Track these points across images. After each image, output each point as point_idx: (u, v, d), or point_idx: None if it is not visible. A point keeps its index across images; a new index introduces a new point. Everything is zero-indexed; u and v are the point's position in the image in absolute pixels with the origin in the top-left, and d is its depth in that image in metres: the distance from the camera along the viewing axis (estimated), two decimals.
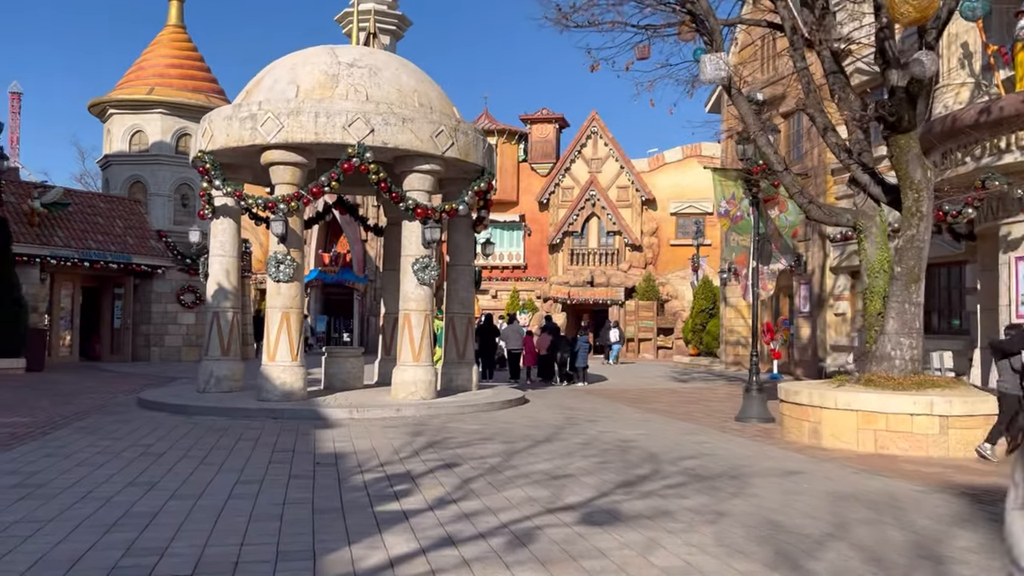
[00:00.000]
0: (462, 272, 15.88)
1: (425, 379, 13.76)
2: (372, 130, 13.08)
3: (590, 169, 40.73)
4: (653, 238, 40.45)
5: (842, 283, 22.07)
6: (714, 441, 10.79)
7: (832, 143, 11.71)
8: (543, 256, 41.31)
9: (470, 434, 11.00)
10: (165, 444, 9.72)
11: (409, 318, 13.86)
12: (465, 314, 15.84)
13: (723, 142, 27.43)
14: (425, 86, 14.52)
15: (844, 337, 21.80)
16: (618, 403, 15.85)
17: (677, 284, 39.98)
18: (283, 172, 13.40)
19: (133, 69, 29.64)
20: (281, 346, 13.29)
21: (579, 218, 40.47)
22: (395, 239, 16.88)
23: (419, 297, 13.87)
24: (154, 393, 14.62)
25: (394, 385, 13.89)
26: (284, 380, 13.24)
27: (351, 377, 15.50)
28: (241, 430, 11.09)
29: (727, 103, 27.13)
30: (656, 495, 7.26)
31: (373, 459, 8.95)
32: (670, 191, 40.39)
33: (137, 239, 27.01)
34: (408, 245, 13.97)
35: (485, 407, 13.60)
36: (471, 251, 16.04)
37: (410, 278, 13.87)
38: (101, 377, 20.38)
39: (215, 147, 13.68)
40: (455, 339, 15.69)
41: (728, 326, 27.06)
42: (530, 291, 41.03)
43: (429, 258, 13.82)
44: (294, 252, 13.43)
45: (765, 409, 12.89)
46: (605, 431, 11.53)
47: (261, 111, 13.16)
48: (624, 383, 21.23)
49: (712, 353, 29.07)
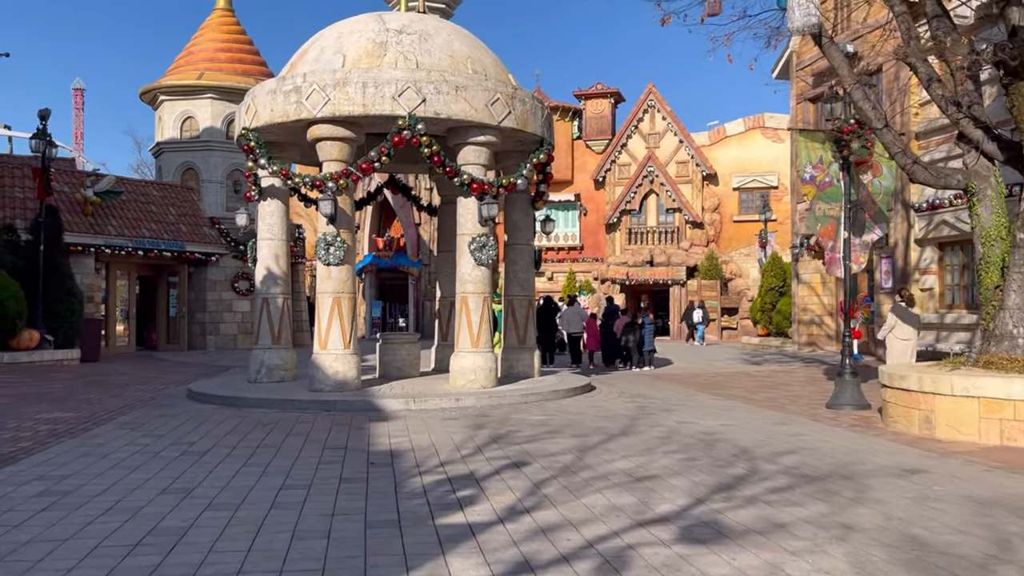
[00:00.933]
0: (521, 252, 14.91)
1: (485, 366, 12.86)
2: (423, 100, 12.15)
3: (647, 144, 39.34)
4: (715, 214, 38.95)
5: (928, 256, 20.48)
6: (809, 432, 9.66)
7: (938, 95, 10.38)
8: (600, 236, 40.14)
9: (536, 426, 10.06)
10: (209, 442, 9.00)
11: (466, 301, 12.96)
12: (525, 296, 14.88)
13: (793, 108, 25.84)
14: (479, 52, 13.54)
15: (932, 314, 20.23)
16: (691, 389, 14.75)
17: (741, 262, 38.48)
18: (330, 148, 12.58)
19: (183, 55, 29.31)
20: (333, 333, 12.53)
21: (637, 196, 39.15)
22: (449, 219, 16.00)
23: (476, 279, 12.96)
24: (204, 384, 14.03)
25: (452, 373, 13.04)
26: (337, 369, 12.48)
27: (407, 365, 14.70)
28: (291, 424, 10.35)
29: (796, 67, 25.54)
30: (761, 501, 6.22)
31: (432, 457, 8.08)
32: (732, 165, 38.79)
33: (190, 226, 26.72)
34: (464, 223, 13.05)
35: (549, 395, 12.66)
36: (530, 229, 15.05)
37: (467, 259, 12.96)
38: (155, 367, 20.03)
39: (259, 124, 12.93)
40: (515, 323, 14.76)
41: (801, 304, 25.60)
42: (587, 272, 39.93)
43: (487, 236, 12.88)
44: (344, 233, 12.63)
45: (860, 395, 11.67)
46: (684, 421, 10.48)
47: (306, 83, 12.34)
48: (693, 367, 20.08)
49: (783, 333, 27.62)
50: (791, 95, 25.94)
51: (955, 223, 19.19)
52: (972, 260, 19.87)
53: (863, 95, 10.51)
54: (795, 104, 25.69)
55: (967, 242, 19.57)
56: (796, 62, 25.55)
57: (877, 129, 10.39)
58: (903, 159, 10.35)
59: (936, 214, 19.76)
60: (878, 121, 10.40)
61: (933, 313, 20.26)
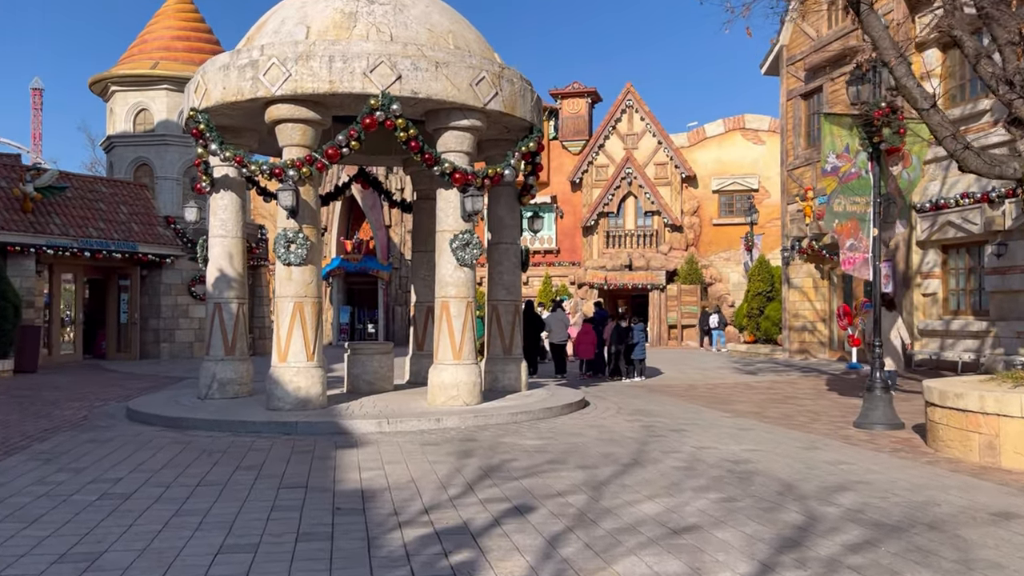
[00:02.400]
0: (506, 252, 13.42)
1: (468, 381, 11.36)
2: (399, 76, 10.64)
3: (625, 145, 38.14)
4: (694, 217, 37.83)
5: (931, 259, 19.38)
6: (851, 460, 8.29)
7: (987, 73, 9.11)
8: (577, 239, 38.82)
9: (533, 454, 8.57)
10: (138, 479, 7.38)
11: (447, 307, 11.44)
12: (511, 301, 13.39)
13: (783, 105, 24.71)
14: (461, 27, 12.05)
15: (935, 320, 19.14)
16: (694, 403, 13.37)
17: (721, 266, 37.41)
18: (292, 132, 11.01)
19: (136, 43, 27.43)
20: (294, 343, 10.94)
21: (615, 198, 37.92)
22: (426, 216, 14.49)
23: (459, 281, 11.45)
24: (146, 402, 12.33)
25: (431, 388, 11.51)
26: (298, 385, 10.89)
27: (379, 378, 13.13)
28: (243, 452, 8.76)
29: (787, 62, 24.40)
30: (846, 568, 4.79)
31: (413, 499, 6.55)
32: (712, 167, 37.76)
33: (143, 226, 24.86)
34: (444, 219, 11.54)
35: (542, 414, 11.18)
36: (516, 227, 13.57)
37: (447, 258, 11.45)
38: (99, 379, 18.21)
39: (210, 104, 11.31)
40: (500, 331, 13.27)
41: (792, 310, 24.42)
42: (563, 277, 38.58)
43: (470, 233, 11.38)
44: (307, 229, 11.05)
45: (893, 412, 10.36)
46: (703, 446, 9.06)
47: (264, 57, 10.76)
48: (686, 377, 18.74)
49: (772, 340, 26.45)
50: (781, 91, 24.81)
51: (962, 224, 18.10)
52: (979, 264, 18.89)
53: (907, 71, 9.21)
54: (785, 100, 24.56)
55: (973, 244, 18.50)
56: (786, 56, 24.43)
57: (924, 110, 9.09)
58: (953, 144, 9.07)
59: (940, 215, 18.66)
60: (925, 100, 9.10)
61: (937, 320, 19.16)
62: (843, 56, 21.58)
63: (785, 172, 24.76)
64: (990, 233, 17.42)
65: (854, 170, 10.45)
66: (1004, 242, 17.06)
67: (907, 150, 10.50)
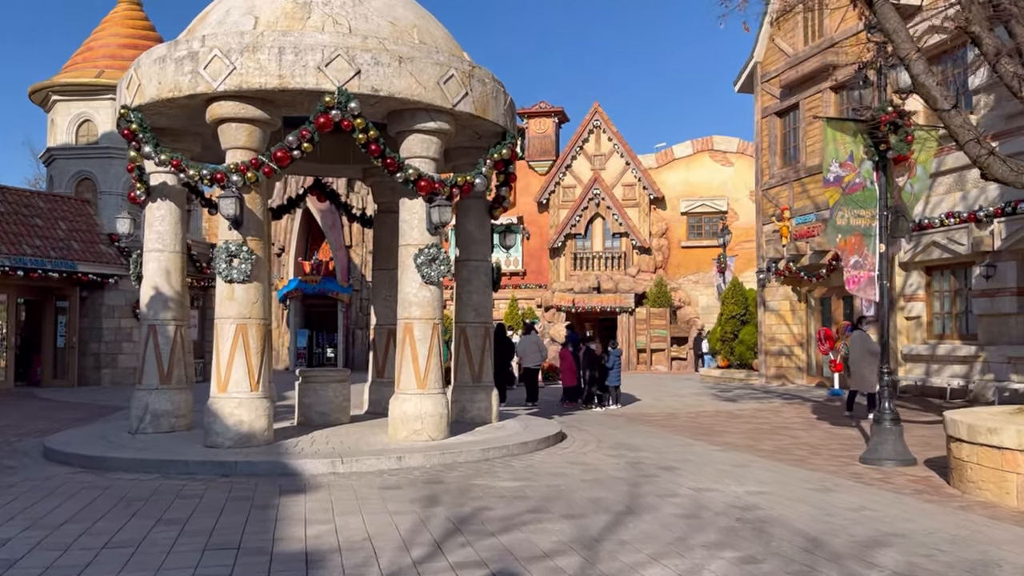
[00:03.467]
0: (476, 270, 12.29)
1: (434, 413, 10.15)
2: (358, 72, 9.51)
3: (593, 166, 37.42)
4: (663, 240, 37.15)
5: (915, 281, 18.69)
6: (872, 504, 7.26)
7: (1008, 72, 8.27)
8: (543, 261, 37.87)
9: (511, 500, 7.40)
10: (32, 537, 6.06)
11: (411, 329, 10.26)
12: (481, 324, 12.24)
13: (758, 123, 24.04)
14: (427, 22, 10.99)
15: (920, 345, 18.40)
16: (680, 435, 12.31)
17: (690, 289, 36.72)
18: (236, 133, 9.80)
19: (81, 51, 25.96)
20: (236, 371, 9.65)
21: (582, 219, 37.11)
22: (387, 231, 13.32)
23: (424, 301, 10.28)
24: (67, 438, 10.89)
25: (392, 421, 10.27)
26: (240, 418, 9.59)
27: (334, 408, 11.86)
28: (169, 499, 7.45)
29: (761, 79, 23.78)
30: None
31: (369, 566, 5.34)
32: (680, 189, 37.19)
33: (84, 244, 23.27)
34: (408, 232, 10.38)
35: (517, 449, 10.00)
36: (487, 243, 12.44)
37: (412, 275, 10.28)
38: (25, 409, 16.60)
39: (144, 101, 10.07)
40: (468, 356, 12.10)
41: (768, 334, 23.60)
42: (530, 299, 37.53)
43: (437, 248, 10.23)
44: (253, 242, 9.82)
45: (904, 447, 9.38)
46: (702, 488, 7.97)
47: (205, 48, 9.56)
48: (663, 404, 17.70)
49: (747, 365, 25.60)
50: (756, 108, 24.16)
51: (947, 245, 17.42)
52: (965, 285, 18.24)
53: (925, 68, 8.35)
54: (760, 118, 23.91)
55: (959, 266, 17.83)
56: (761, 74, 23.81)
57: (944, 111, 8.21)
58: (976, 149, 8.20)
59: (925, 235, 17.97)
60: (945, 101, 8.23)
61: (922, 344, 18.43)
62: (820, 72, 20.97)
63: (760, 191, 24.06)
64: (978, 254, 16.74)
65: (858, 180, 9.54)
66: (993, 263, 16.39)
67: (913, 159, 9.64)
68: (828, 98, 20.98)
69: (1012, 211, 15.78)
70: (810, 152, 21.66)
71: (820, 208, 21.21)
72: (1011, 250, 16.03)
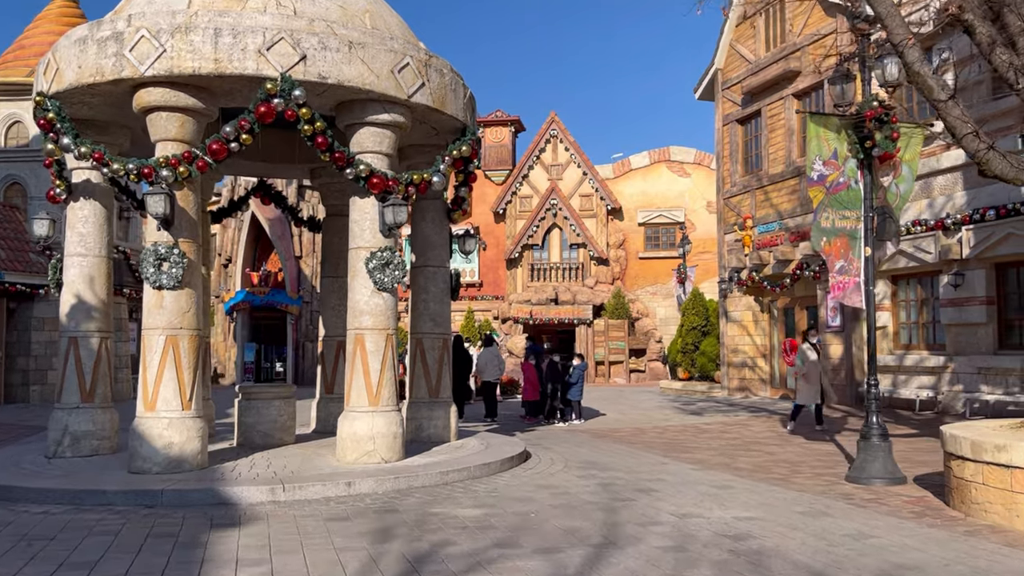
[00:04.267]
0: (433, 276, 11.43)
1: (388, 432, 9.26)
2: (303, 57, 8.64)
3: (550, 176, 36.89)
4: (620, 251, 36.75)
5: (881, 290, 18.32)
6: (873, 531, 6.59)
7: (1003, 63, 7.76)
8: (500, 272, 37.14)
9: (475, 532, 6.56)
10: None
11: (362, 341, 9.36)
12: (439, 335, 11.38)
13: (719, 131, 23.64)
14: (379, 7, 10.16)
15: (887, 355, 18.02)
16: (650, 452, 11.58)
17: (648, 300, 36.34)
18: (167, 123, 8.84)
19: (12, 49, 24.53)
20: (165, 388, 8.65)
21: (539, 230, 36.52)
22: (336, 235, 12.41)
23: (376, 309, 9.40)
24: None
25: (341, 441, 9.35)
26: (170, 440, 8.59)
27: (277, 428, 10.87)
28: (79, 537, 6.45)
29: (722, 86, 23.41)
30: None
31: None
32: (637, 199, 36.88)
33: (12, 252, 21.80)
34: (359, 233, 9.50)
35: (479, 471, 9.15)
36: (445, 247, 11.60)
37: (363, 281, 9.39)
38: None
39: (63, 87, 9.05)
40: (425, 370, 11.22)
41: (731, 345, 23.12)
42: (486, 311, 36.75)
43: (391, 251, 9.36)
44: (185, 244, 8.84)
45: (894, 464, 8.77)
46: (685, 513, 7.22)
47: (131, 28, 8.60)
48: (627, 418, 17.00)
49: (708, 377, 25.11)
50: (716, 116, 23.77)
51: (913, 253, 17.09)
52: (932, 295, 17.95)
53: (920, 55, 7.79)
54: (721, 126, 23.52)
55: (926, 274, 17.52)
56: (722, 81, 23.44)
57: (940, 102, 7.65)
58: (974, 143, 7.65)
59: None
60: (942, 91, 7.67)
61: (888, 355, 18.05)
62: (783, 79, 20.64)
63: (721, 200, 23.64)
64: (945, 262, 16.43)
65: (843, 180, 8.96)
66: (961, 272, 16.08)
67: (898, 158, 9.10)
68: (790, 104, 20.64)
69: (980, 218, 15.48)
70: (772, 160, 21.31)
71: (783, 216, 20.83)
72: (980, 258, 15.74)
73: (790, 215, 20.56)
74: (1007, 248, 15.05)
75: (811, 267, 19.38)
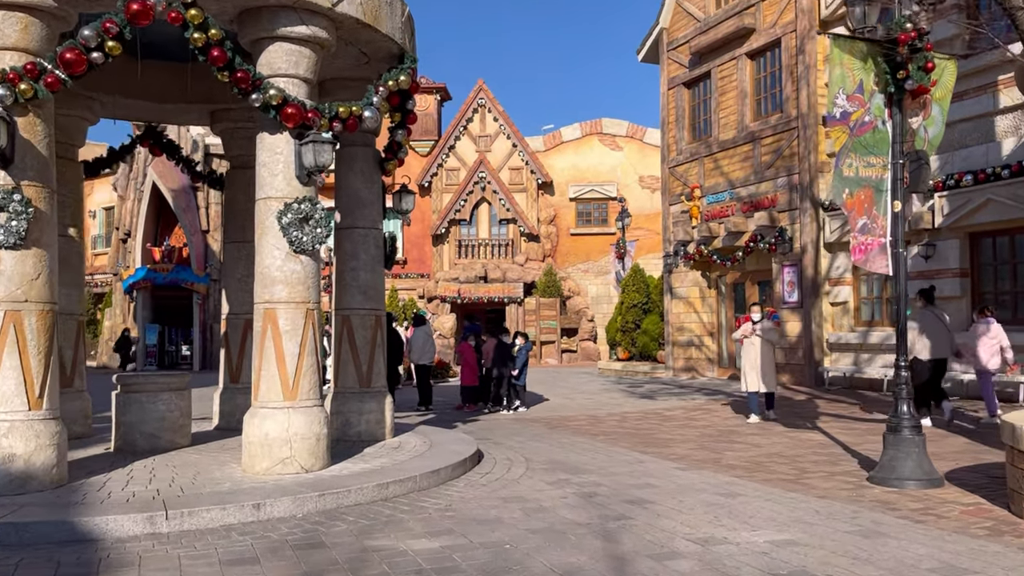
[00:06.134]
0: (364, 240, 9.41)
1: (309, 433, 7.27)
2: None
3: (478, 148, 35.01)
4: (551, 227, 35.26)
5: (842, 263, 17.18)
6: (957, 558, 5.04)
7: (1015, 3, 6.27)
8: (426, 249, 35.12)
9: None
10: None
11: (274, 318, 7.32)
12: (371, 312, 9.38)
13: (664, 95, 22.10)
14: None
15: (848, 332, 16.91)
16: (619, 445, 9.92)
17: (579, 278, 35.02)
18: (3, 25, 6.57)
19: None
20: (4, 381, 6.44)
21: (467, 204, 34.65)
22: (242, 192, 10.24)
23: (293, 277, 7.37)
24: None
25: (248, 446, 7.31)
26: (10, 451, 6.40)
27: (166, 428, 8.71)
28: None
29: (668, 47, 21.89)
30: None
31: None
32: (569, 173, 35.42)
33: None
34: (270, 180, 7.42)
35: (426, 480, 7.26)
36: (377, 204, 9.57)
37: (275, 241, 7.34)
38: None
39: None
40: (354, 353, 9.22)
41: (676, 323, 21.77)
42: (411, 290, 34.68)
43: (311, 203, 7.33)
44: (31, 189, 6.61)
45: (929, 463, 7.29)
46: (704, 537, 5.53)
47: None
48: (576, 403, 15.37)
49: (650, 356, 23.76)
50: (661, 79, 22.24)
51: None
52: None
53: None
54: (667, 90, 22.01)
55: None
56: (667, 41, 21.90)
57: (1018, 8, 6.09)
58: None
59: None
60: None
61: (849, 332, 16.93)
62: (735, 37, 19.23)
63: (667, 169, 22.18)
64: (915, 232, 15.29)
65: (868, 119, 7.40)
66: (932, 242, 14.98)
67: (929, 96, 7.60)
68: (743, 65, 19.25)
69: (955, 184, 14.37)
70: (723, 125, 19.92)
71: (735, 185, 19.49)
72: (953, 228, 14.65)
73: (742, 184, 19.22)
74: (985, 216, 13.97)
75: (766, 239, 18.11)
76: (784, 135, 18.04)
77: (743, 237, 18.95)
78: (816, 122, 17.32)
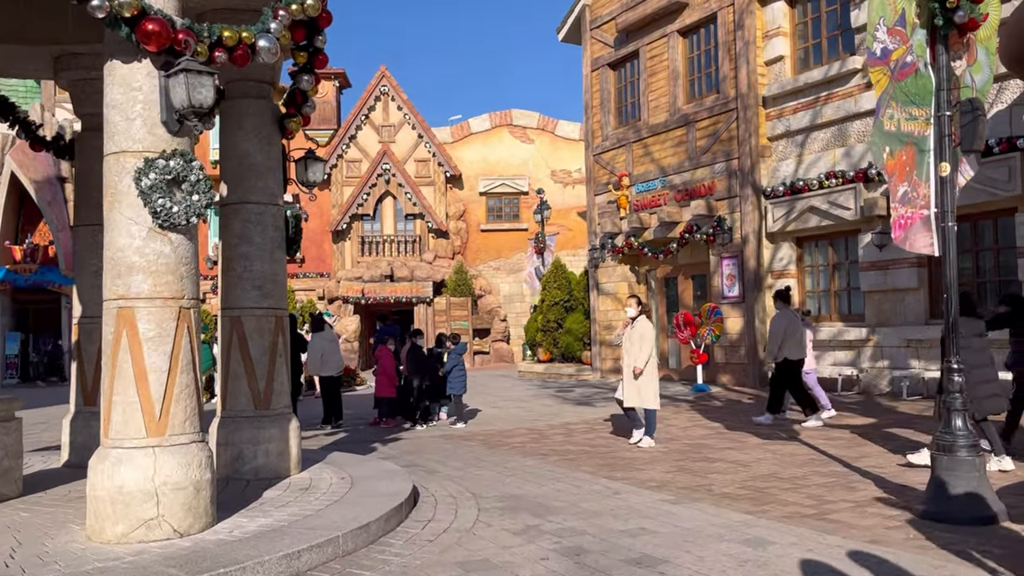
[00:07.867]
0: (259, 219, 7.28)
1: (184, 482, 5.17)
2: None
3: (381, 138, 32.89)
4: (461, 222, 33.49)
5: (785, 255, 16.05)
6: None
7: None
8: (325, 246, 32.70)
9: None
10: None
11: (132, 320, 5.19)
12: (268, 312, 7.28)
13: (587, 77, 20.58)
14: None
15: None
16: (581, 470, 8.17)
17: (491, 276, 33.38)
18: None
19: None
20: None
21: (370, 198, 32.48)
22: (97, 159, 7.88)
23: (159, 263, 5.25)
24: None
25: (93, 505, 5.14)
26: None
27: None
28: None
29: (591, 25, 20.40)
30: None
31: None
32: (478, 167, 33.76)
33: None
34: (125, 127, 5.27)
35: (351, 540, 5.27)
36: (276, 172, 7.44)
37: (131, 212, 5.20)
38: None
39: None
40: (248, 366, 7.11)
41: (604, 321, 20.30)
42: (309, 291, 32.16)
43: (183, 159, 5.22)
44: None
45: (992, 493, 5.82)
46: None
47: None
48: (509, 413, 13.57)
49: (574, 358, 22.21)
50: (584, 60, 20.72)
51: (829, 210, 14.80)
52: (846, 258, 15.82)
53: None
54: (590, 71, 20.50)
55: (839, 235, 15.30)
56: (591, 19, 20.40)
57: None
58: None
59: (799, 199, 15.31)
60: None
61: None
62: (666, 13, 17.88)
63: (591, 156, 20.66)
64: (866, 220, 14.26)
65: (910, 59, 5.91)
66: (886, 230, 13.92)
67: (972, 35, 6.18)
68: (675, 43, 17.92)
69: None
70: (654, 108, 18.54)
71: (668, 173, 18.12)
72: None
73: (676, 171, 17.88)
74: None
75: (703, 229, 16.82)
76: (721, 117, 16.78)
77: (677, 228, 17.63)
78: (757, 103, 16.13)
